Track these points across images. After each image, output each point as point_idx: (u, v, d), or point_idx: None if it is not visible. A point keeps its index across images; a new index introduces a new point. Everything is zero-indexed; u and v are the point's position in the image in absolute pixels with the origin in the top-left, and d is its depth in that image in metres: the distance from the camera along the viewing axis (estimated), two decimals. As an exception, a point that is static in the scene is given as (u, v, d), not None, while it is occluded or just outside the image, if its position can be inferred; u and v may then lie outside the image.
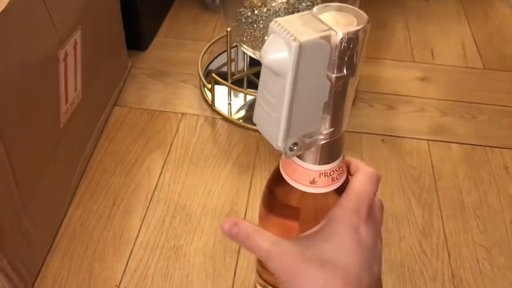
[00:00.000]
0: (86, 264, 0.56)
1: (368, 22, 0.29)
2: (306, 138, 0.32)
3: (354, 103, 0.80)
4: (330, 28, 0.29)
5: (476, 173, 0.69)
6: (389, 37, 0.96)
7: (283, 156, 0.34)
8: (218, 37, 0.86)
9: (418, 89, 0.83)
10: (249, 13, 0.69)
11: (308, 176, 0.35)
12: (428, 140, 0.74)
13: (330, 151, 0.34)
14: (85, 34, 0.62)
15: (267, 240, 0.31)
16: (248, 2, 0.69)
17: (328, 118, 0.32)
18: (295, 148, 0.31)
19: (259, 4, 0.69)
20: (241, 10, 0.70)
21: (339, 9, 0.30)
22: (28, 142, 0.51)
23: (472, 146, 0.73)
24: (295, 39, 0.28)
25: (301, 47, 0.28)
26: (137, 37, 0.86)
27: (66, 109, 0.60)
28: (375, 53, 0.91)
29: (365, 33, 0.29)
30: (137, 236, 0.60)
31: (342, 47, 0.29)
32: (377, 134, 0.75)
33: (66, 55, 0.57)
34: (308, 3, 0.70)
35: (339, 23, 0.29)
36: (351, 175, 0.35)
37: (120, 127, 0.74)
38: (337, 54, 0.29)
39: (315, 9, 0.30)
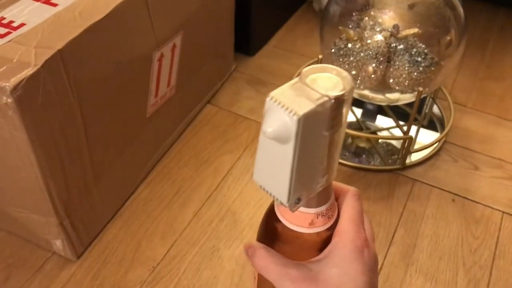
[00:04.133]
0: (136, 240, 0.64)
1: (352, 81, 0.32)
2: (307, 191, 0.34)
3: (437, 153, 0.77)
4: (322, 95, 0.31)
5: (546, 262, 0.64)
6: (504, 91, 0.89)
7: (276, 203, 0.37)
8: (312, 60, 0.88)
9: (515, 155, 0.77)
10: (343, 45, 0.70)
11: (306, 219, 0.37)
12: (504, 212, 0.69)
13: (325, 194, 0.37)
14: (187, 39, 0.69)
15: (279, 263, 0.34)
16: (345, 34, 0.70)
17: (324, 168, 0.34)
18: (298, 202, 0.34)
19: (355, 38, 0.69)
20: (337, 40, 0.71)
21: (322, 70, 0.32)
22: (108, 127, 0.59)
23: (552, 232, 0.67)
24: (295, 114, 0.30)
25: (301, 120, 0.30)
26: (247, 43, 0.91)
27: (155, 102, 0.68)
28: (481, 105, 0.86)
29: (352, 91, 0.32)
30: (185, 228, 0.66)
31: (333, 109, 0.31)
32: (450, 192, 0.71)
33: (162, 56, 0.65)
34: (407, 45, 0.68)
35: (327, 87, 0.31)
36: (336, 199, 0.37)
37: (206, 124, 0.80)
38: (330, 115, 0.31)
39: (302, 74, 0.32)
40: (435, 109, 0.85)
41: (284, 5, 1.02)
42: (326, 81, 0.32)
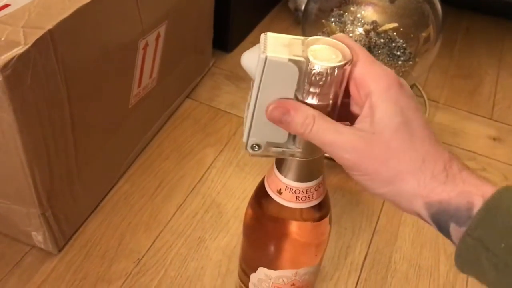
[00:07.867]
0: (119, 232, 0.62)
1: (347, 64, 0.30)
2: (271, 146, 0.34)
3: (414, 146, 0.79)
4: (303, 56, 0.30)
5: (521, 247, 0.66)
6: (473, 88, 0.93)
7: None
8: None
9: (486, 148, 0.80)
10: (325, 39, 0.71)
11: (276, 185, 0.38)
12: (479, 201, 0.71)
13: (299, 170, 0.37)
14: (170, 29, 0.68)
15: (331, 131, 0.32)
16: (326, 28, 0.71)
17: (296, 137, 0.34)
18: (256, 149, 0.34)
19: (337, 32, 0.70)
20: (319, 34, 0.72)
21: (331, 44, 0.32)
22: (93, 115, 0.58)
23: (525, 219, 0.70)
24: (265, 54, 0.30)
25: (267, 61, 0.30)
26: (225, 40, 0.91)
27: (138, 92, 0.67)
28: (452, 101, 0.89)
29: (342, 71, 0.31)
30: (169, 220, 0.64)
31: (313, 77, 0.30)
32: (428, 183, 0.73)
33: (146, 44, 0.64)
34: (387, 39, 0.70)
35: (320, 55, 0.31)
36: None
37: (186, 118, 0.80)
38: (306, 81, 0.31)
39: (310, 38, 0.32)
40: (410, 105, 0.88)
41: (261, 3, 1.02)
42: (327, 53, 0.32)
